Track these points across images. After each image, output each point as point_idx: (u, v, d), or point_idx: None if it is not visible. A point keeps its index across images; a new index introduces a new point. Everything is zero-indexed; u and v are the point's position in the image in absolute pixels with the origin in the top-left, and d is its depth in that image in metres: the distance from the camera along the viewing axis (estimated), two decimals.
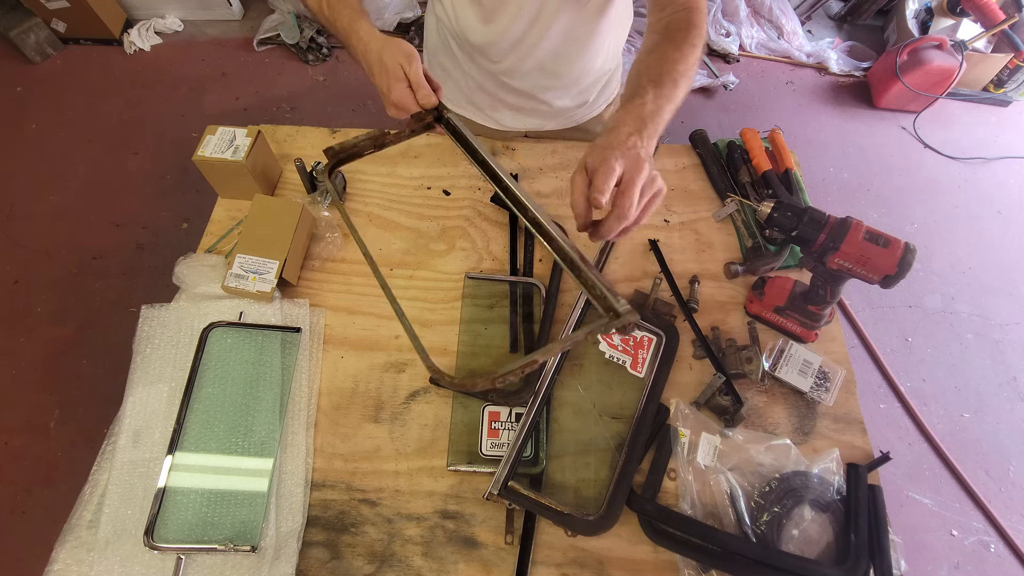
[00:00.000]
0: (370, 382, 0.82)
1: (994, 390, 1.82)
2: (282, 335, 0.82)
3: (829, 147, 2.36)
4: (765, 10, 2.57)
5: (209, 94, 2.36)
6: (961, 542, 1.57)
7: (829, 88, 2.55)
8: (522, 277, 0.90)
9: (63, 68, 2.41)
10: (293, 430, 0.77)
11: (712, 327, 0.87)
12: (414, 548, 0.71)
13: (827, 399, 0.81)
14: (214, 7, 2.54)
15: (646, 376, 0.81)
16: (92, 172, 2.12)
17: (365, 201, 0.98)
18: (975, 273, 2.06)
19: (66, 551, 0.68)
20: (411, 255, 0.93)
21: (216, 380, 0.78)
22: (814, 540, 0.72)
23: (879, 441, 1.69)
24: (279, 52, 2.50)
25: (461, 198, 0.99)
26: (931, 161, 2.36)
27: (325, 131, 1.07)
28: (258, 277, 0.82)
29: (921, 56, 2.28)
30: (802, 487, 0.73)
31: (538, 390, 0.77)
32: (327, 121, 2.27)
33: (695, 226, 0.98)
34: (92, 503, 0.71)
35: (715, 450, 0.76)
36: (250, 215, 0.86)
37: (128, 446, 0.73)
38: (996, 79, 2.46)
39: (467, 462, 0.75)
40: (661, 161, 1.04)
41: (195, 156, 0.88)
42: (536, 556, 0.71)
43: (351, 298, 0.89)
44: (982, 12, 2.22)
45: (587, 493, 0.75)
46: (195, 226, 1.99)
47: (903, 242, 0.71)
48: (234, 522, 0.70)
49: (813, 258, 0.77)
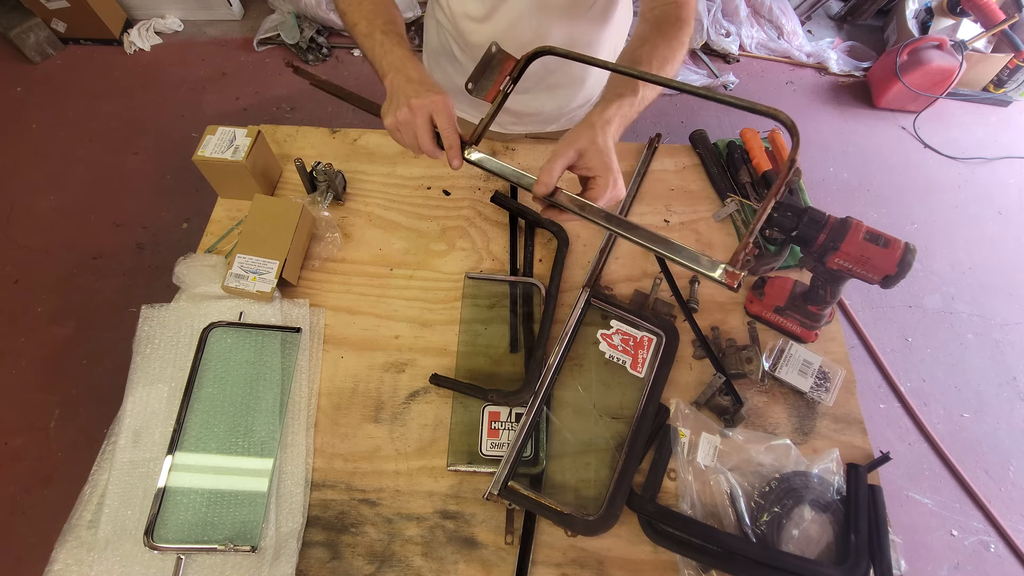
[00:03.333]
0: (370, 382, 0.82)
1: (994, 390, 1.82)
2: (282, 335, 0.82)
3: (829, 147, 2.37)
4: (765, 10, 2.57)
5: (209, 94, 2.36)
6: (961, 542, 1.57)
7: (829, 88, 2.55)
8: (522, 277, 0.90)
9: (63, 68, 2.41)
10: (293, 430, 0.77)
11: (712, 327, 0.87)
12: (414, 548, 0.71)
13: (827, 399, 0.81)
14: (214, 7, 2.54)
15: (646, 376, 0.81)
16: (92, 172, 2.12)
17: (365, 201, 0.98)
18: (975, 273, 2.06)
19: (66, 551, 0.68)
20: (411, 255, 0.93)
21: (216, 380, 0.78)
22: (814, 540, 0.72)
23: (879, 441, 1.69)
24: (279, 52, 2.50)
25: (461, 198, 0.99)
26: (931, 161, 2.36)
27: (325, 131, 1.07)
28: (258, 277, 0.82)
29: (921, 56, 2.28)
30: (802, 487, 0.73)
31: (538, 390, 0.77)
32: (327, 121, 2.28)
33: (695, 226, 0.98)
34: (92, 503, 0.71)
35: (715, 450, 0.76)
36: (250, 215, 0.86)
37: (128, 446, 0.73)
38: (996, 79, 2.46)
39: (467, 462, 0.75)
40: (661, 161, 1.04)
41: (195, 156, 0.88)
42: (536, 556, 0.71)
43: (351, 298, 0.89)
44: (982, 12, 2.22)
45: (587, 493, 0.75)
46: (195, 226, 1.99)
47: (903, 242, 0.71)
48: (234, 522, 0.70)
49: (813, 258, 0.77)
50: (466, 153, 0.69)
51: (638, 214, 0.98)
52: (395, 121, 0.67)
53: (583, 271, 0.92)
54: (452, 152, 0.66)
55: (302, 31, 2.45)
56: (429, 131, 0.66)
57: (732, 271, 0.54)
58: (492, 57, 0.68)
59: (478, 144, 0.70)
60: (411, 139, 0.68)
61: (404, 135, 0.68)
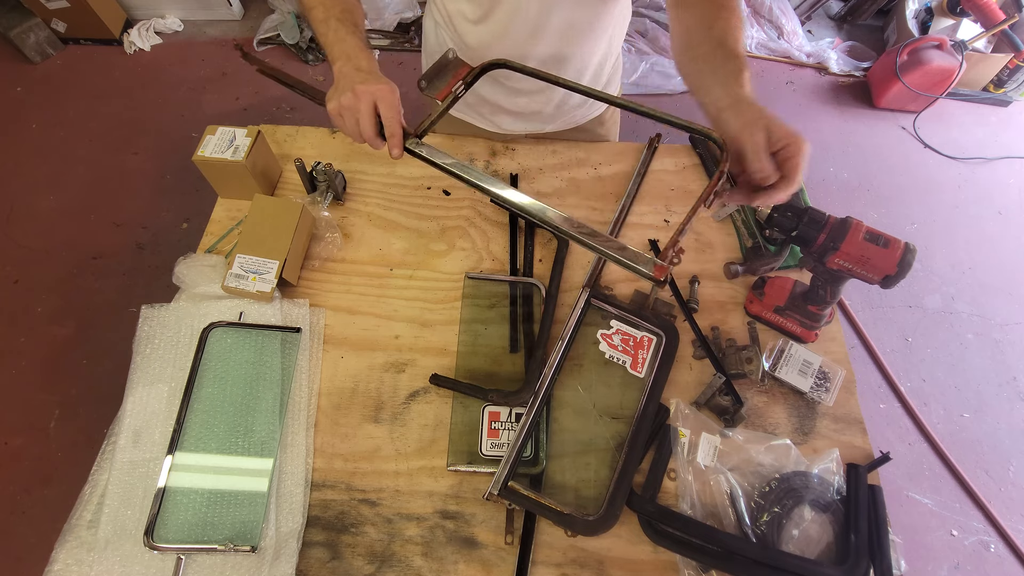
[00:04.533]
0: (370, 382, 0.82)
1: (994, 390, 1.82)
2: (282, 335, 0.82)
3: (829, 147, 2.36)
4: (765, 10, 2.57)
5: (209, 94, 2.36)
6: (961, 542, 1.57)
7: (829, 88, 2.55)
8: (522, 277, 0.90)
9: (63, 68, 2.41)
10: (293, 430, 0.77)
11: (712, 327, 0.87)
12: (414, 548, 0.71)
13: (827, 399, 0.81)
14: (214, 7, 2.54)
15: (646, 376, 0.81)
16: (92, 172, 2.12)
17: (365, 201, 0.98)
18: (975, 273, 2.06)
19: (66, 551, 0.68)
20: (411, 255, 0.93)
21: (216, 380, 0.78)
22: (814, 540, 0.72)
23: (879, 441, 1.69)
24: (279, 52, 2.50)
25: (461, 198, 0.99)
26: (931, 161, 2.36)
27: (325, 131, 1.07)
28: (258, 277, 0.82)
29: (921, 56, 2.28)
30: (802, 487, 0.73)
31: (538, 390, 0.77)
32: (327, 121, 2.26)
33: (695, 226, 0.98)
34: (92, 503, 0.71)
35: (715, 450, 0.76)
36: (250, 215, 0.86)
37: (128, 446, 0.73)
38: (996, 79, 2.46)
39: (467, 462, 0.75)
40: (661, 161, 1.05)
41: (195, 156, 0.88)
42: (536, 556, 0.71)
43: (351, 298, 0.89)
44: (982, 12, 2.22)
45: (587, 493, 0.75)
46: (195, 226, 1.99)
47: (903, 242, 0.71)
48: (234, 522, 0.70)
49: (813, 258, 0.77)
50: (410, 144, 0.68)
51: (638, 214, 0.98)
52: (338, 106, 0.67)
53: (583, 271, 0.92)
54: (393, 141, 0.66)
55: (302, 31, 2.45)
56: (372, 118, 0.66)
57: (660, 264, 0.54)
58: (449, 62, 0.72)
59: (422, 138, 0.69)
60: (352, 126, 0.68)
61: (346, 121, 0.68)
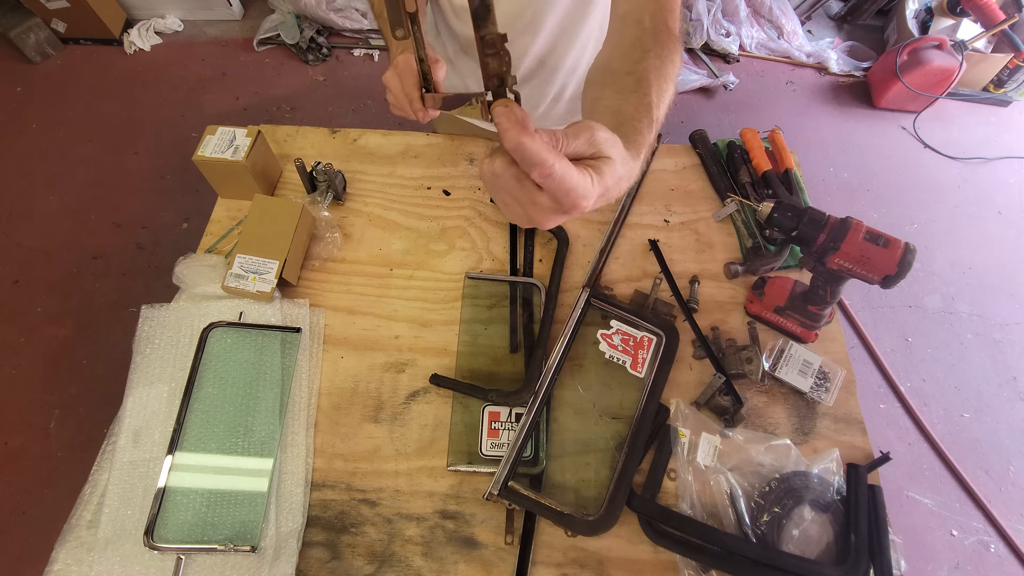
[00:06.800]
0: (370, 382, 0.82)
1: (994, 390, 1.83)
2: (282, 335, 0.82)
3: (829, 147, 2.37)
4: (765, 10, 2.57)
5: (209, 94, 2.36)
6: (961, 542, 1.57)
7: (829, 88, 2.56)
8: (522, 277, 0.90)
9: (63, 68, 2.41)
10: (293, 430, 0.77)
11: (712, 327, 0.87)
12: (414, 548, 0.71)
13: (827, 399, 0.81)
14: (214, 7, 2.54)
15: (646, 376, 0.81)
16: (92, 172, 2.12)
17: (365, 201, 0.98)
18: (975, 273, 2.06)
19: (66, 551, 0.68)
20: (411, 255, 0.93)
21: (216, 380, 0.78)
22: (814, 540, 0.72)
23: (879, 441, 1.69)
24: (279, 52, 2.50)
25: (461, 198, 0.99)
26: (931, 161, 2.36)
27: (325, 131, 1.07)
28: (258, 277, 0.82)
29: (921, 56, 2.28)
30: (802, 487, 0.73)
31: (538, 390, 0.77)
32: (327, 121, 2.28)
33: (695, 226, 0.98)
34: (92, 503, 0.71)
35: (715, 450, 0.76)
36: (250, 215, 0.86)
37: (128, 446, 0.73)
38: (996, 79, 2.46)
39: (467, 462, 0.75)
40: (661, 161, 1.05)
41: (195, 156, 0.88)
42: (536, 556, 0.71)
43: (351, 298, 0.89)
44: (982, 12, 2.22)
45: (587, 493, 0.75)
46: (195, 226, 1.99)
47: (903, 242, 0.71)
48: (234, 522, 0.70)
49: (813, 258, 0.77)
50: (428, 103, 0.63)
51: (638, 214, 0.98)
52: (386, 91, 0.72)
53: (583, 271, 0.92)
54: (414, 105, 0.68)
55: (302, 31, 2.45)
56: (399, 86, 0.70)
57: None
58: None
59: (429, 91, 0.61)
60: (393, 100, 0.72)
61: (392, 99, 0.72)
